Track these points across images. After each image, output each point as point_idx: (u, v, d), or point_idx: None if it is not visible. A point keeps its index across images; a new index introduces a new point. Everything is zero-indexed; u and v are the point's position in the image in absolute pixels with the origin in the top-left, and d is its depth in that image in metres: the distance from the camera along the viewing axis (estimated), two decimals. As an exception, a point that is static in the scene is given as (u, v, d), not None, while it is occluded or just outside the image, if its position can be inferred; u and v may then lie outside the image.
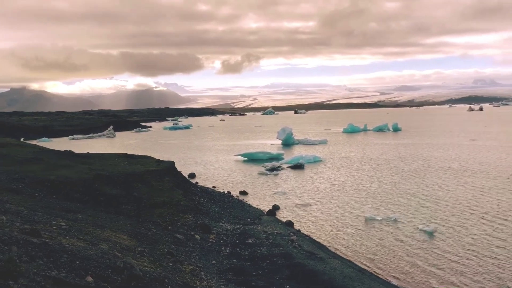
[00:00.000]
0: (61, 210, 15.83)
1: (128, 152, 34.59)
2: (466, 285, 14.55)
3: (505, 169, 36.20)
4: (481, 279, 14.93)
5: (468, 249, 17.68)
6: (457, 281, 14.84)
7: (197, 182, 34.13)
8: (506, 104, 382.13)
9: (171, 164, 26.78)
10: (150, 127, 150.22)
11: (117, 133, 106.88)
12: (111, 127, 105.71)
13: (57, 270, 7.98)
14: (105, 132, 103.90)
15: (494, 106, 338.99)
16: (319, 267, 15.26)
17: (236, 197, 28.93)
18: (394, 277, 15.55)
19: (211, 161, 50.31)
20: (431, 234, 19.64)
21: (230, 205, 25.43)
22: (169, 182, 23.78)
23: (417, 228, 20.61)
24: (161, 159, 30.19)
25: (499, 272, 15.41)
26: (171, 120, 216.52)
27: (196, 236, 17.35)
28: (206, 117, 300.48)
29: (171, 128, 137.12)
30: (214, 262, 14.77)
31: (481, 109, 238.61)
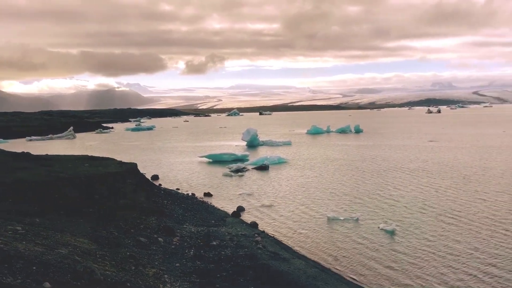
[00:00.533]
0: (17, 214, 15.25)
1: (89, 154, 33.73)
2: (425, 283, 15.01)
3: (460, 169, 37.64)
4: (439, 277, 15.45)
5: (426, 248, 18.25)
6: (417, 279, 15.29)
7: (160, 184, 33.65)
8: (463, 107, 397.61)
9: (133, 166, 26.30)
10: (112, 128, 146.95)
11: (77, 134, 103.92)
12: (71, 128, 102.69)
13: (12, 276, 7.68)
14: (65, 133, 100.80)
15: (451, 109, 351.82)
16: (283, 268, 15.37)
17: (200, 199, 28.74)
18: (356, 276, 15.86)
19: (175, 162, 49.78)
20: (391, 233, 20.16)
21: (194, 207, 25.24)
22: (131, 185, 23.35)
23: (378, 227, 21.11)
24: (123, 160, 29.60)
25: (455, 269, 15.99)
26: (134, 121, 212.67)
27: (160, 239, 17.12)
28: (170, 118, 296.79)
29: (133, 129, 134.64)
30: (177, 265, 14.61)
31: (439, 111, 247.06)
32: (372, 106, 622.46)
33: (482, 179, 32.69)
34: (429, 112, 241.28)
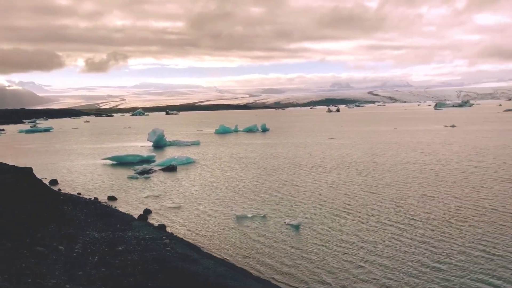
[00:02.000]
0: None
1: (-25, 159, 30.58)
2: (329, 273, 15.91)
3: (357, 164, 40.37)
4: (340, 267, 16.46)
5: (329, 240, 19.34)
6: (322, 270, 16.14)
7: (59, 189, 31.63)
8: (359, 106, 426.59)
9: (28, 171, 24.36)
10: (3, 130, 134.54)
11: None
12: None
13: None
14: None
15: (349, 108, 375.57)
16: (193, 269, 15.32)
17: (104, 203, 27.49)
18: (265, 271, 16.31)
19: (75, 166, 47.04)
20: (297, 227, 21.03)
21: (98, 212, 24.09)
22: (26, 191, 21.62)
23: (284, 222, 21.90)
24: (16, 165, 27.30)
25: (353, 258, 17.16)
26: (29, 122, 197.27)
27: (60, 247, 16.10)
28: (69, 118, 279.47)
29: (28, 131, 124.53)
30: (81, 273, 13.88)
31: (338, 110, 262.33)
32: (277, 105, 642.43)
33: (374, 173, 35.37)
34: (329, 111, 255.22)
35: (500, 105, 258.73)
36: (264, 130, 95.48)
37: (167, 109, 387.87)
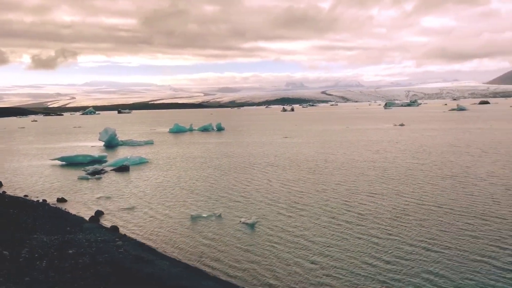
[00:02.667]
0: None
1: None
2: (284, 271, 16.17)
3: (309, 163, 41.15)
4: (295, 263, 16.78)
5: (283, 237, 19.64)
6: (277, 268, 16.38)
7: (4, 192, 30.24)
8: (313, 105, 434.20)
9: (-30, 173, 23.15)
10: None
11: None
12: None
13: None
14: None
15: (303, 107, 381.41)
16: (147, 270, 15.13)
17: (53, 205, 26.54)
18: (220, 271, 16.34)
19: (22, 167, 45.05)
20: (252, 226, 21.20)
21: (46, 215, 23.24)
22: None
23: (240, 221, 22.02)
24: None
25: (307, 254, 17.54)
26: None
27: (5, 252, 15.43)
28: (14, 117, 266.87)
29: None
30: (27, 279, 13.37)
31: (292, 109, 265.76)
32: (232, 104, 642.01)
33: (326, 171, 36.21)
34: (284, 110, 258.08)
35: (446, 104, 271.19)
36: (220, 129, 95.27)
37: (119, 108, 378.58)
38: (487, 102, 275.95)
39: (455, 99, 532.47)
